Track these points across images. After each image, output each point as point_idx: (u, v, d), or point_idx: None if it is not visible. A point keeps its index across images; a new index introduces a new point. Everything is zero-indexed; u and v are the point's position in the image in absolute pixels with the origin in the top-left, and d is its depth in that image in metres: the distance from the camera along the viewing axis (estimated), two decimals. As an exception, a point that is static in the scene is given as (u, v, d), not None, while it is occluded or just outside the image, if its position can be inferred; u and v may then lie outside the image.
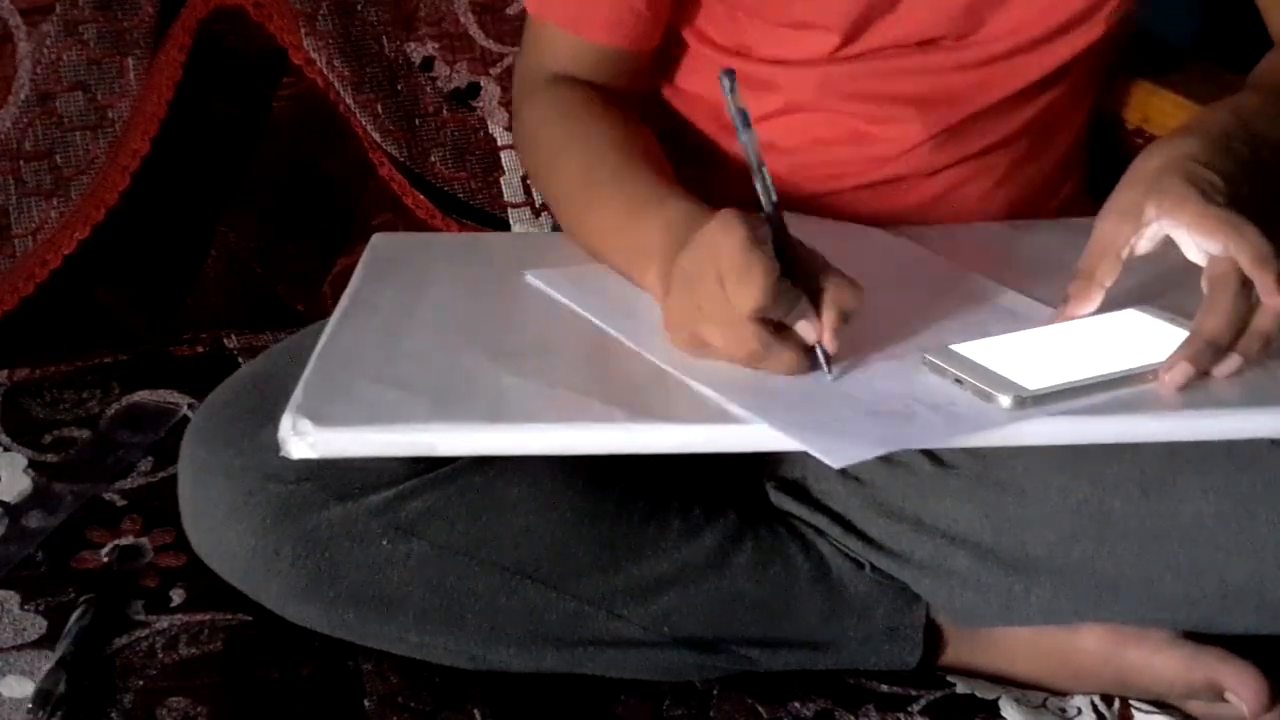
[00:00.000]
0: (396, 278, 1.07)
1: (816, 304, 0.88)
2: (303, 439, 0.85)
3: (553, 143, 1.12)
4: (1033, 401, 0.85)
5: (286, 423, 0.85)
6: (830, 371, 0.89)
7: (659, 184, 1.03)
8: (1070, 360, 0.88)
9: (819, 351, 0.89)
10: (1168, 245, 0.93)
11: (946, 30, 1.11)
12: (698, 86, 1.19)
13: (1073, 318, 0.94)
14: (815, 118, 1.14)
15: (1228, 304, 0.87)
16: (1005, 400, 0.85)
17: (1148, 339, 0.91)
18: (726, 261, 0.87)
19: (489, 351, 0.94)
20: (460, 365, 0.92)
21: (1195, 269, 0.91)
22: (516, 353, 0.94)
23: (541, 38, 1.16)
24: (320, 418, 0.86)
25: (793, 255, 0.90)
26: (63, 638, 1.02)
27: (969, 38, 1.11)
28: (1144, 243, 0.92)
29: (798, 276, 0.89)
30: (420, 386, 0.89)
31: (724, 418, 0.86)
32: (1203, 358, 0.86)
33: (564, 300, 1.00)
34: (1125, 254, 0.93)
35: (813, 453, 0.82)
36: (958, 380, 0.87)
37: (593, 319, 0.97)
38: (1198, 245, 0.90)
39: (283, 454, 0.85)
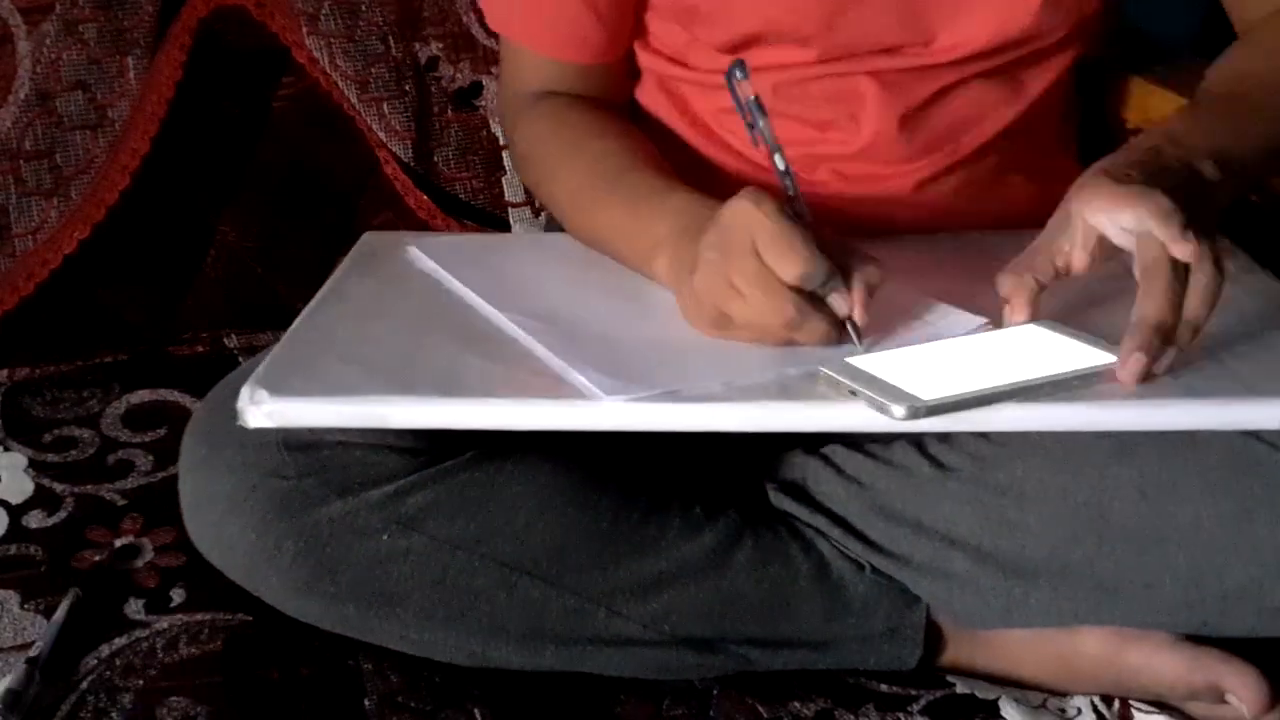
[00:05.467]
0: (379, 271, 1.08)
1: (844, 280, 0.92)
2: (259, 408, 0.87)
3: (550, 155, 1.14)
4: (926, 411, 0.85)
5: (245, 393, 0.87)
6: (861, 343, 0.92)
7: (660, 180, 1.05)
8: (966, 372, 0.88)
9: (849, 325, 0.92)
10: (1105, 256, 0.93)
11: (892, 42, 1.11)
12: (660, 91, 1.19)
13: (1018, 319, 0.94)
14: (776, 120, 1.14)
15: (1163, 286, 0.87)
16: (899, 410, 0.84)
17: (1047, 352, 0.91)
18: (764, 232, 0.90)
19: (454, 334, 0.95)
20: (423, 344, 0.94)
21: (1119, 290, 0.92)
22: (481, 337, 0.95)
23: (515, 58, 1.20)
24: (277, 389, 0.87)
25: (815, 233, 0.92)
26: (40, 637, 1.02)
27: (914, 47, 1.11)
28: (1079, 252, 0.92)
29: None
30: (380, 363, 0.91)
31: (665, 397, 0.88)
32: (1152, 344, 0.86)
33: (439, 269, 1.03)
34: (1061, 262, 0.93)
35: (583, 381, 0.86)
36: (852, 393, 0.87)
37: (459, 285, 1.00)
38: (1118, 226, 0.90)
39: (239, 424, 0.87)
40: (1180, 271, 0.87)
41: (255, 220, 1.44)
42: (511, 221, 1.45)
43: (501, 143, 1.44)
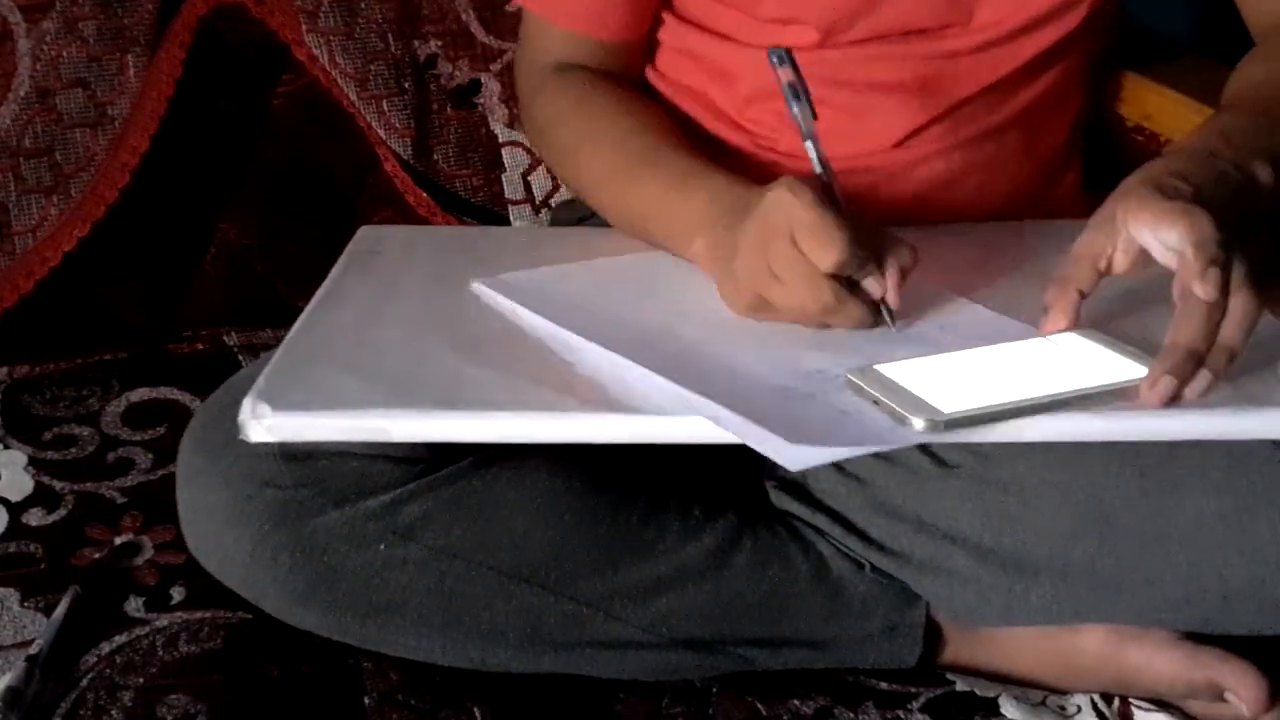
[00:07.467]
0: (375, 269, 1.08)
1: (878, 264, 0.93)
2: (260, 422, 0.86)
3: (574, 132, 1.15)
4: (945, 426, 0.84)
5: (246, 407, 0.87)
6: (894, 326, 0.94)
7: (694, 161, 1.06)
8: (995, 384, 0.87)
9: (883, 308, 0.93)
10: (1146, 263, 0.91)
11: (930, 23, 1.12)
12: (682, 74, 1.19)
13: (1055, 329, 0.92)
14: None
15: (1201, 311, 0.86)
16: (918, 423, 0.84)
17: (1083, 364, 0.89)
18: (801, 222, 0.91)
19: (453, 342, 0.95)
20: (422, 354, 0.94)
21: (1161, 296, 0.89)
22: (480, 343, 0.95)
23: (536, 30, 1.20)
24: (278, 402, 0.87)
25: (849, 219, 0.93)
26: (40, 635, 1.02)
27: (952, 28, 1.12)
28: (1120, 255, 0.91)
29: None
30: (380, 374, 0.91)
31: (676, 409, 0.87)
32: (1184, 369, 0.85)
33: (515, 306, 0.99)
34: (1103, 265, 0.92)
35: (766, 452, 0.83)
36: (875, 401, 0.86)
37: (547, 322, 0.97)
38: (1161, 243, 0.88)
39: (241, 437, 0.87)
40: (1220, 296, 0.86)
41: (255, 218, 1.44)
42: (512, 219, 1.45)
43: (501, 140, 1.44)
